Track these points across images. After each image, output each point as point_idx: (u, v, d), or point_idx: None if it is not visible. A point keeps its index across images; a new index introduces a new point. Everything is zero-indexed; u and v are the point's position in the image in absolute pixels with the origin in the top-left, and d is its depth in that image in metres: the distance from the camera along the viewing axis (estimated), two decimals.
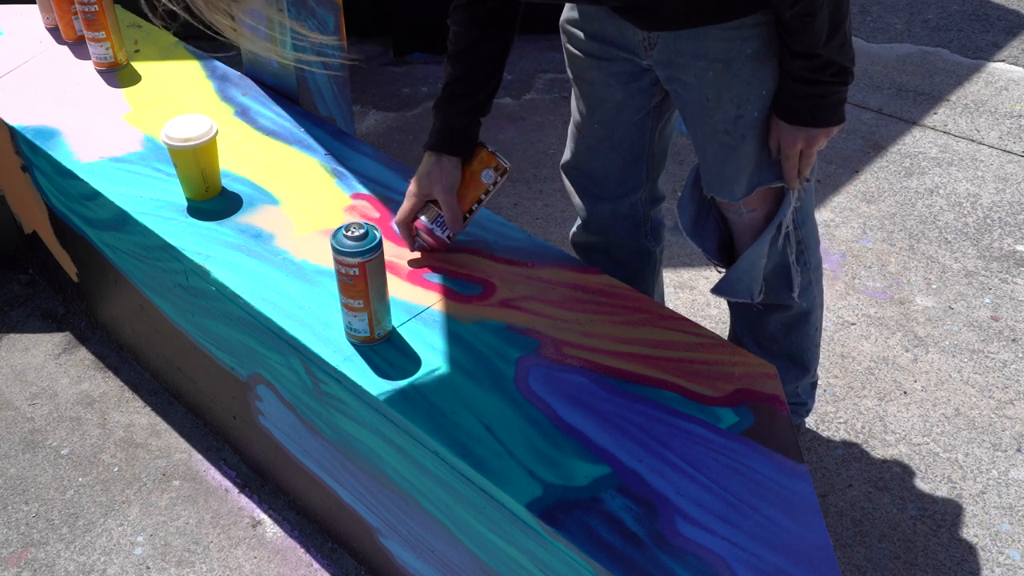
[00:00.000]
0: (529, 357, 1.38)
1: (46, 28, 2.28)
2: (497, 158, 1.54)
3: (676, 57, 1.46)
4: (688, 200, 1.66)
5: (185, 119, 1.67)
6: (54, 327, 2.31)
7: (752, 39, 1.39)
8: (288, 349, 1.49)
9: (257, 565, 1.78)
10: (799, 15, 1.29)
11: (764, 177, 1.53)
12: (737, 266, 1.63)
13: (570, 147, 1.77)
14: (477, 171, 1.54)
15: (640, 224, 1.81)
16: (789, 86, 1.41)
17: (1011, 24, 3.52)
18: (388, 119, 3.10)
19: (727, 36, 1.39)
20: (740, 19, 1.38)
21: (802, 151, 1.47)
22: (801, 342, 1.80)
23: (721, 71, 1.42)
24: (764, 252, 1.62)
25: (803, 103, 1.41)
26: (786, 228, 1.61)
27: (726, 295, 1.69)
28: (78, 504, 1.90)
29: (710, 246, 1.69)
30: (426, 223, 1.52)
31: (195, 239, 1.63)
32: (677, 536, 1.14)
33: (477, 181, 1.54)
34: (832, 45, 1.33)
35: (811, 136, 1.44)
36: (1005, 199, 2.68)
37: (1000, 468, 1.94)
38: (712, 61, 1.42)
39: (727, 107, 1.46)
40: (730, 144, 1.49)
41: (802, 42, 1.34)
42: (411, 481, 1.40)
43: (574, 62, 1.64)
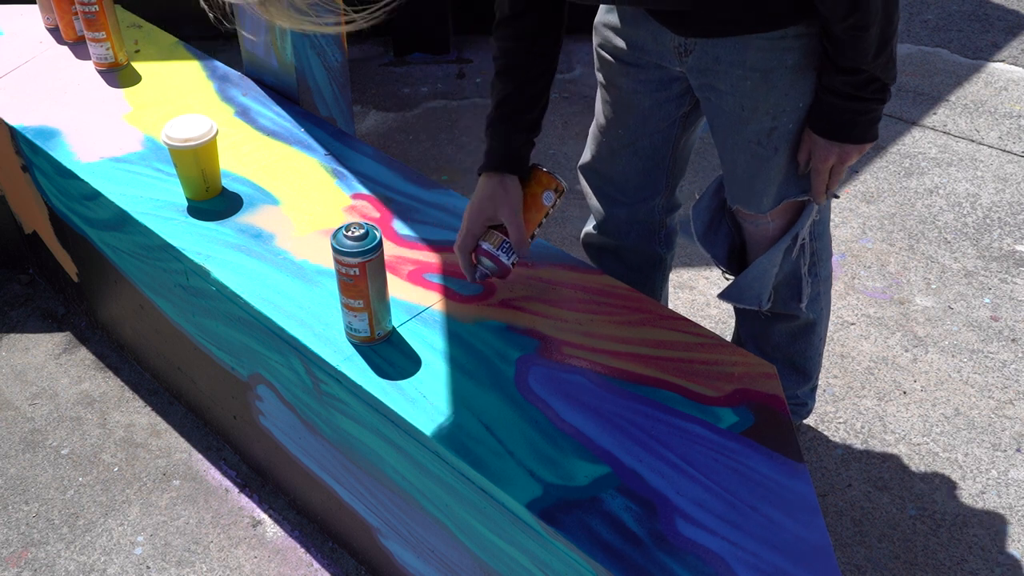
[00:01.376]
0: (529, 357, 1.38)
1: (46, 28, 2.28)
2: (556, 178, 1.47)
3: (713, 64, 1.43)
4: (705, 207, 1.65)
5: (185, 119, 1.67)
6: (54, 327, 2.31)
7: (793, 50, 1.37)
8: (288, 349, 1.49)
9: (257, 565, 1.78)
10: (852, 28, 1.26)
11: (792, 190, 1.51)
12: (747, 273, 1.62)
13: (591, 149, 1.74)
14: (538, 193, 1.45)
15: (655, 230, 1.80)
16: (828, 100, 1.39)
17: (1011, 24, 3.52)
18: (388, 119, 3.10)
19: (768, 46, 1.37)
20: (783, 29, 1.35)
21: (833, 166, 1.45)
22: (805, 351, 1.80)
23: (759, 81, 1.40)
24: (777, 261, 1.60)
25: (840, 118, 1.39)
26: (802, 239, 1.60)
27: (733, 301, 1.69)
28: (78, 504, 1.90)
29: (720, 253, 1.68)
30: (491, 249, 1.42)
31: (195, 239, 1.63)
32: (677, 536, 1.14)
33: (539, 203, 1.45)
34: (879, 61, 1.31)
35: (845, 152, 1.42)
36: (1005, 199, 2.68)
37: (1000, 468, 1.94)
38: (750, 70, 1.40)
39: (762, 118, 1.43)
40: (762, 156, 1.47)
41: (850, 56, 1.31)
42: (411, 481, 1.40)
43: (605, 66, 1.61)
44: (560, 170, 2.82)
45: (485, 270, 1.44)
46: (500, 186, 1.42)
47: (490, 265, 1.43)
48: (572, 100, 3.16)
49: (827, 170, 1.46)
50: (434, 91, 3.24)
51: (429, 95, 3.23)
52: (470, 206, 1.44)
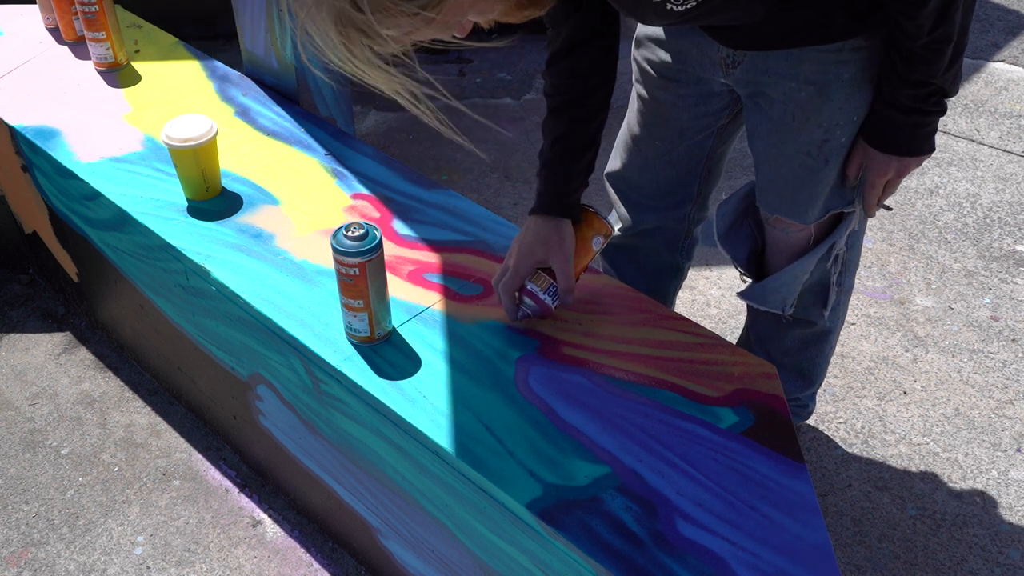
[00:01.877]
0: (529, 357, 1.38)
1: (46, 28, 2.28)
2: (607, 223, 1.44)
3: (763, 76, 1.40)
4: (731, 209, 1.63)
5: (185, 119, 1.67)
6: (54, 327, 2.31)
7: (851, 64, 1.33)
8: (288, 349, 1.49)
9: (257, 565, 1.78)
10: (934, 42, 1.23)
11: (838, 202, 1.49)
12: (778, 277, 1.60)
13: (621, 158, 1.70)
14: (588, 237, 1.42)
15: (680, 239, 1.78)
16: (887, 114, 1.35)
17: (1011, 24, 3.52)
18: (388, 119, 3.10)
19: (824, 59, 1.33)
20: (840, 42, 1.32)
21: (889, 180, 1.43)
22: (814, 359, 1.79)
23: (814, 94, 1.37)
24: (809, 268, 1.59)
25: (901, 132, 1.36)
26: (839, 250, 1.58)
27: (756, 302, 1.67)
28: (78, 504, 1.90)
29: (740, 254, 1.66)
30: (537, 292, 1.38)
31: (195, 239, 1.63)
32: (677, 536, 1.14)
33: (588, 248, 1.42)
34: (949, 74, 1.29)
35: (904, 165, 1.39)
36: (1005, 199, 2.68)
37: (1000, 468, 1.94)
38: (805, 83, 1.36)
39: (814, 130, 1.40)
40: (812, 167, 1.44)
41: (923, 70, 1.27)
42: (411, 481, 1.40)
43: (645, 79, 1.57)
44: None
45: (527, 310, 1.41)
46: (555, 231, 1.38)
47: (533, 306, 1.40)
48: None
49: (883, 184, 1.43)
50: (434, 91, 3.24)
51: (429, 95, 3.22)
52: (520, 245, 1.39)
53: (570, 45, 1.37)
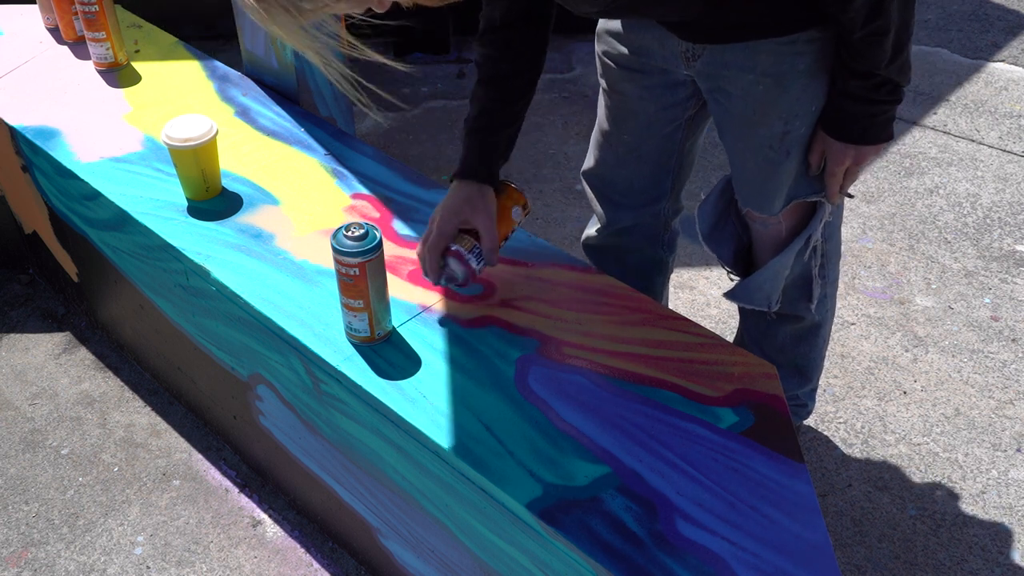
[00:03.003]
0: (529, 357, 1.38)
1: (46, 28, 2.28)
2: (524, 196, 1.48)
3: (722, 70, 1.42)
4: (711, 208, 1.64)
5: (185, 119, 1.67)
6: (54, 327, 2.31)
7: (805, 55, 1.35)
8: (288, 349, 1.49)
9: (257, 565, 1.78)
10: (870, 35, 1.26)
11: (801, 191, 1.51)
12: (760, 274, 1.61)
13: (594, 155, 1.73)
14: (508, 207, 1.46)
15: (659, 234, 1.79)
16: (842, 104, 1.37)
17: (1011, 24, 3.52)
18: (388, 119, 3.10)
19: (779, 51, 1.36)
20: (794, 34, 1.34)
21: (848, 168, 1.44)
22: (808, 354, 1.79)
23: (771, 86, 1.39)
24: (789, 263, 1.60)
25: (856, 121, 1.38)
26: (815, 241, 1.59)
27: (742, 301, 1.68)
28: (78, 504, 1.90)
29: (726, 253, 1.67)
30: (462, 252, 1.40)
31: (195, 239, 1.63)
32: (677, 536, 1.14)
33: (508, 218, 1.46)
34: (895, 65, 1.30)
35: (861, 154, 1.41)
36: (1005, 199, 2.68)
37: (1000, 468, 1.94)
38: (762, 75, 1.38)
39: (774, 123, 1.42)
40: (774, 160, 1.46)
41: (866, 62, 1.30)
42: (411, 481, 1.40)
43: (608, 73, 1.60)
44: (560, 170, 2.82)
45: (451, 272, 1.41)
46: (478, 193, 1.42)
47: (458, 268, 1.40)
48: (572, 100, 3.16)
49: (842, 172, 1.45)
50: (434, 91, 3.25)
51: (429, 95, 3.23)
52: (443, 208, 1.42)
53: (500, 24, 1.41)
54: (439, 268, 1.41)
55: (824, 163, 1.47)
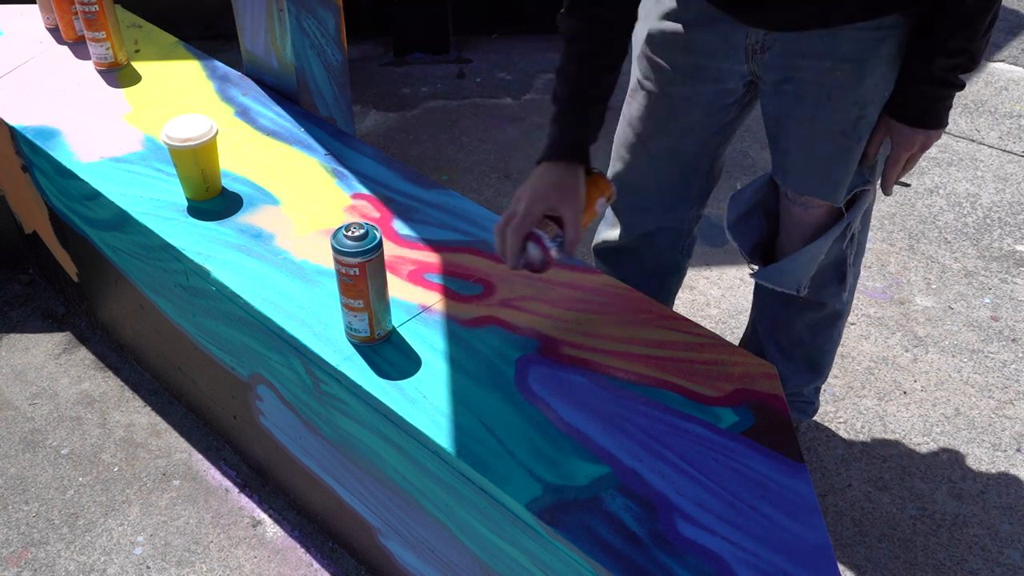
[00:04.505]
0: (529, 357, 1.38)
1: (46, 28, 2.28)
2: (611, 185, 1.41)
3: (795, 59, 1.41)
4: (745, 200, 1.63)
5: (185, 119, 1.67)
6: (54, 327, 2.31)
7: (888, 40, 1.35)
8: (288, 349, 1.49)
9: (257, 565, 1.78)
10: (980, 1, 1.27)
11: (858, 180, 1.51)
12: (794, 258, 1.60)
13: (622, 160, 1.69)
14: (594, 197, 1.38)
15: (681, 239, 1.79)
16: (920, 89, 1.38)
17: (1011, 24, 3.52)
18: (388, 119, 3.10)
19: (862, 36, 1.35)
20: (878, 19, 1.34)
21: (913, 154, 1.45)
22: (824, 345, 1.79)
23: (850, 72, 1.38)
24: (826, 248, 1.60)
25: (930, 105, 1.39)
26: (854, 229, 1.59)
27: (772, 283, 1.66)
28: (78, 504, 1.90)
29: (747, 243, 1.67)
30: (545, 238, 1.32)
31: (195, 239, 1.63)
32: (677, 536, 1.14)
33: (592, 207, 1.38)
34: (986, 38, 1.31)
35: (928, 138, 1.42)
36: (1005, 199, 2.68)
37: (1000, 468, 1.94)
38: (842, 61, 1.37)
39: (850, 108, 1.41)
40: (846, 146, 1.46)
41: (967, 34, 1.30)
42: (411, 481, 1.41)
43: (659, 74, 1.56)
44: None
45: (529, 258, 1.34)
46: (569, 178, 1.33)
47: (536, 254, 1.33)
48: None
49: (905, 159, 1.46)
50: (434, 91, 3.25)
51: (429, 95, 3.23)
52: (533, 190, 1.33)
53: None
54: (519, 252, 1.34)
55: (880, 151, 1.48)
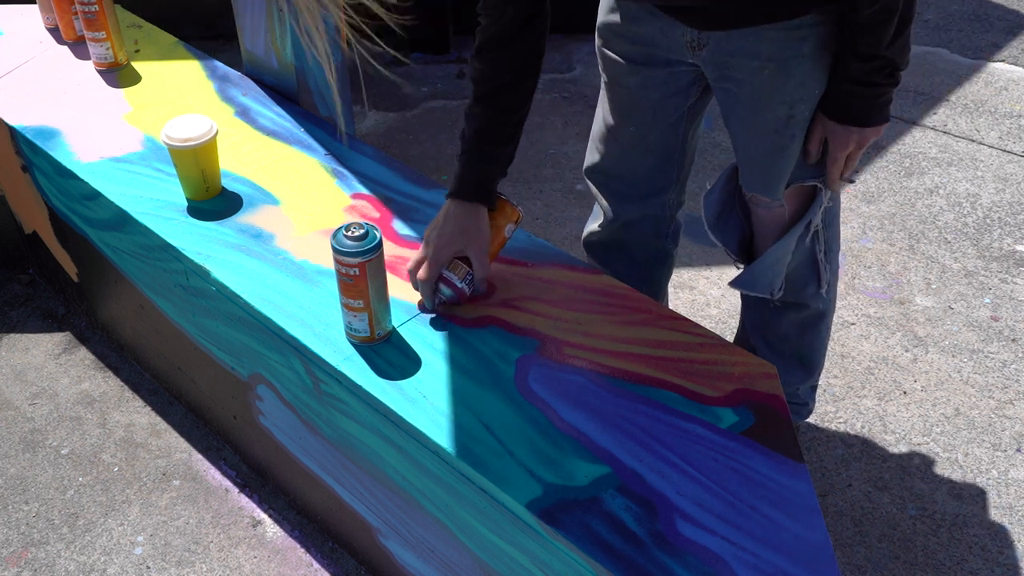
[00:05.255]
0: (529, 357, 1.38)
1: (46, 28, 2.28)
2: (518, 210, 1.48)
3: (728, 57, 1.44)
4: (716, 197, 1.65)
5: (185, 119, 1.67)
6: (54, 327, 2.31)
7: (809, 39, 1.38)
8: (288, 349, 1.49)
9: (257, 565, 1.78)
10: (880, 12, 1.28)
11: (801, 174, 1.53)
12: (761, 261, 1.63)
13: (597, 150, 1.73)
14: (501, 225, 1.47)
15: (665, 225, 1.80)
16: (844, 87, 1.40)
17: (1011, 24, 3.52)
18: (388, 119, 3.10)
19: (783, 36, 1.38)
20: (798, 18, 1.36)
21: (850, 152, 1.47)
22: (812, 343, 1.80)
23: (775, 71, 1.41)
24: (790, 248, 1.61)
25: (857, 104, 1.41)
26: (816, 226, 1.61)
27: (746, 289, 1.69)
28: (78, 504, 1.90)
29: (731, 241, 1.69)
30: (454, 280, 1.43)
31: (195, 239, 1.63)
32: (677, 536, 1.14)
33: (501, 235, 1.47)
34: (896, 45, 1.33)
35: (863, 136, 1.44)
36: (1005, 199, 2.68)
37: (1000, 468, 1.94)
38: (767, 60, 1.41)
39: (779, 107, 1.45)
40: (780, 144, 1.48)
41: (871, 42, 1.32)
42: (411, 481, 1.40)
43: (611, 67, 1.61)
44: (560, 170, 2.82)
45: (443, 298, 1.44)
46: (473, 220, 1.42)
47: (449, 294, 1.44)
48: (572, 100, 3.16)
49: (844, 157, 1.48)
50: (434, 91, 3.24)
51: (429, 95, 3.23)
52: (439, 235, 1.41)
53: (503, 35, 1.39)
54: (432, 295, 1.44)
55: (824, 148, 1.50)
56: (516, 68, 1.42)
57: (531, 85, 1.44)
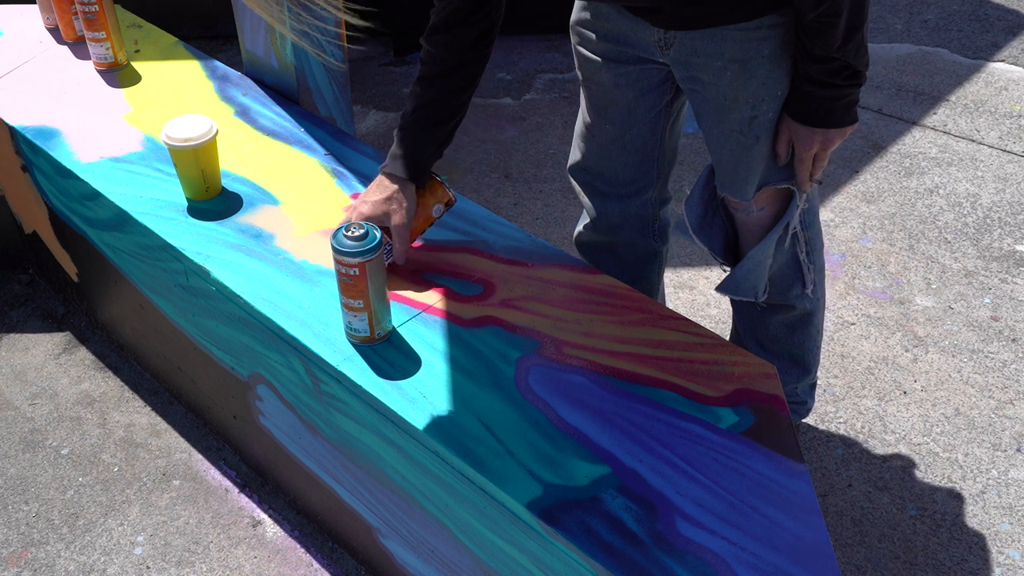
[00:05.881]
0: (529, 357, 1.38)
1: (46, 28, 2.28)
2: (449, 192, 1.54)
3: (693, 57, 1.46)
4: (697, 199, 1.66)
5: (185, 119, 1.67)
6: (54, 327, 2.31)
7: (769, 40, 1.39)
8: (288, 349, 1.49)
9: (257, 565, 1.78)
10: (823, 16, 1.29)
11: (773, 177, 1.54)
12: (742, 265, 1.63)
13: (579, 148, 1.76)
14: (430, 204, 1.53)
15: (649, 223, 1.81)
16: (804, 88, 1.41)
17: (1011, 24, 3.52)
18: (388, 119, 3.10)
19: (744, 36, 1.39)
20: (758, 19, 1.37)
21: (816, 153, 1.47)
22: (803, 343, 1.80)
23: (738, 72, 1.42)
24: (770, 251, 1.62)
25: (818, 105, 1.41)
26: (794, 228, 1.61)
27: (730, 293, 1.69)
28: (78, 504, 1.90)
29: (716, 245, 1.69)
30: None
31: (195, 239, 1.63)
32: (677, 536, 1.14)
33: (428, 215, 1.53)
34: (849, 48, 1.33)
35: (827, 138, 1.44)
36: (1005, 199, 2.68)
37: (1000, 468, 1.94)
38: (729, 61, 1.42)
39: (743, 108, 1.46)
40: (745, 144, 1.49)
41: (820, 45, 1.33)
42: (411, 481, 1.41)
43: (585, 64, 1.63)
44: (560, 170, 2.82)
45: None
46: (399, 194, 1.47)
47: None
48: (572, 100, 3.16)
49: (810, 158, 1.48)
50: None
51: None
52: (363, 202, 1.48)
53: (455, 20, 1.43)
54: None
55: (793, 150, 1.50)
56: (463, 52, 1.46)
57: (476, 70, 1.48)
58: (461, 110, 1.51)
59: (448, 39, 1.45)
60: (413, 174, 1.49)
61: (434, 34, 1.46)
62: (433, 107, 1.49)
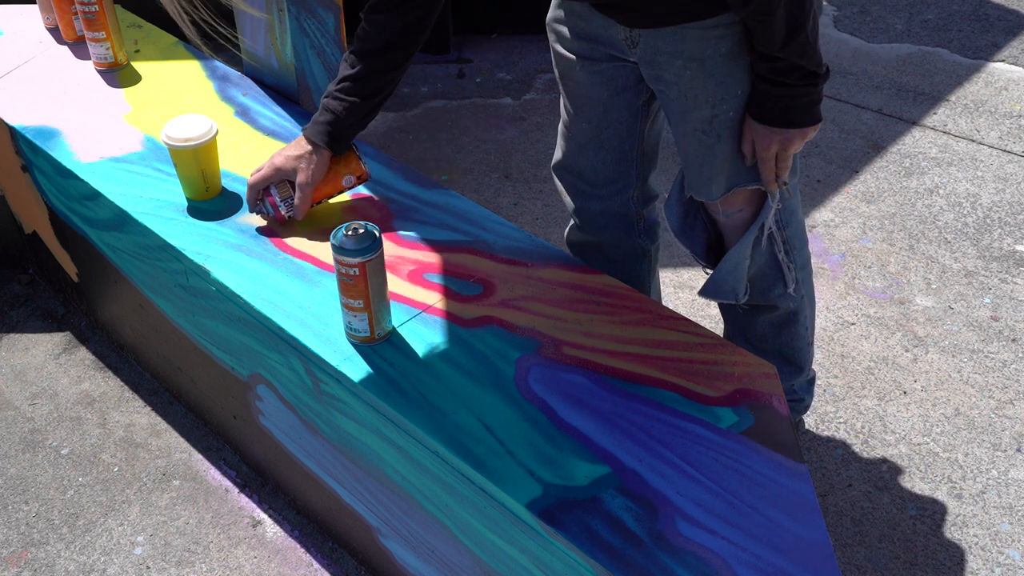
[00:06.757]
0: (529, 357, 1.38)
1: (46, 28, 2.28)
2: (363, 167, 1.60)
3: (657, 56, 1.46)
4: (676, 201, 1.65)
5: (185, 119, 1.67)
6: (54, 327, 2.31)
7: (726, 38, 1.39)
8: (288, 349, 1.49)
9: (257, 565, 1.78)
10: (754, 15, 1.29)
11: (742, 178, 1.53)
12: (720, 267, 1.63)
13: (560, 147, 1.77)
14: (341, 173, 1.60)
15: (633, 223, 1.81)
16: (760, 87, 1.41)
17: (1011, 24, 3.52)
18: (388, 119, 3.10)
19: (703, 35, 1.39)
20: (715, 17, 1.37)
21: (778, 153, 1.46)
22: (792, 341, 1.80)
23: (697, 70, 1.42)
24: (747, 253, 1.61)
25: (774, 104, 1.41)
26: (769, 229, 1.61)
27: (712, 296, 1.70)
28: (78, 504, 1.90)
29: (698, 247, 1.69)
30: (276, 198, 1.59)
31: (195, 239, 1.63)
32: (677, 536, 1.14)
33: (337, 182, 1.61)
34: (791, 48, 1.32)
35: (786, 138, 1.43)
36: (1005, 199, 2.68)
37: (1000, 468, 1.94)
38: (689, 60, 1.42)
39: (703, 106, 1.45)
40: (707, 144, 1.49)
41: (761, 43, 1.34)
42: (411, 481, 1.41)
43: (561, 62, 1.63)
44: None
45: (261, 209, 1.61)
46: (312, 155, 1.55)
47: (268, 207, 1.60)
48: None
49: (772, 157, 1.47)
50: (434, 91, 3.24)
51: (429, 95, 3.23)
52: (281, 157, 1.57)
53: (393, 2, 1.48)
54: (255, 202, 1.61)
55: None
56: (396, 35, 1.50)
57: (406, 54, 1.53)
58: (386, 88, 1.55)
59: (383, 19, 1.49)
60: (330, 141, 1.55)
61: (372, 12, 1.50)
62: (360, 81, 1.53)
